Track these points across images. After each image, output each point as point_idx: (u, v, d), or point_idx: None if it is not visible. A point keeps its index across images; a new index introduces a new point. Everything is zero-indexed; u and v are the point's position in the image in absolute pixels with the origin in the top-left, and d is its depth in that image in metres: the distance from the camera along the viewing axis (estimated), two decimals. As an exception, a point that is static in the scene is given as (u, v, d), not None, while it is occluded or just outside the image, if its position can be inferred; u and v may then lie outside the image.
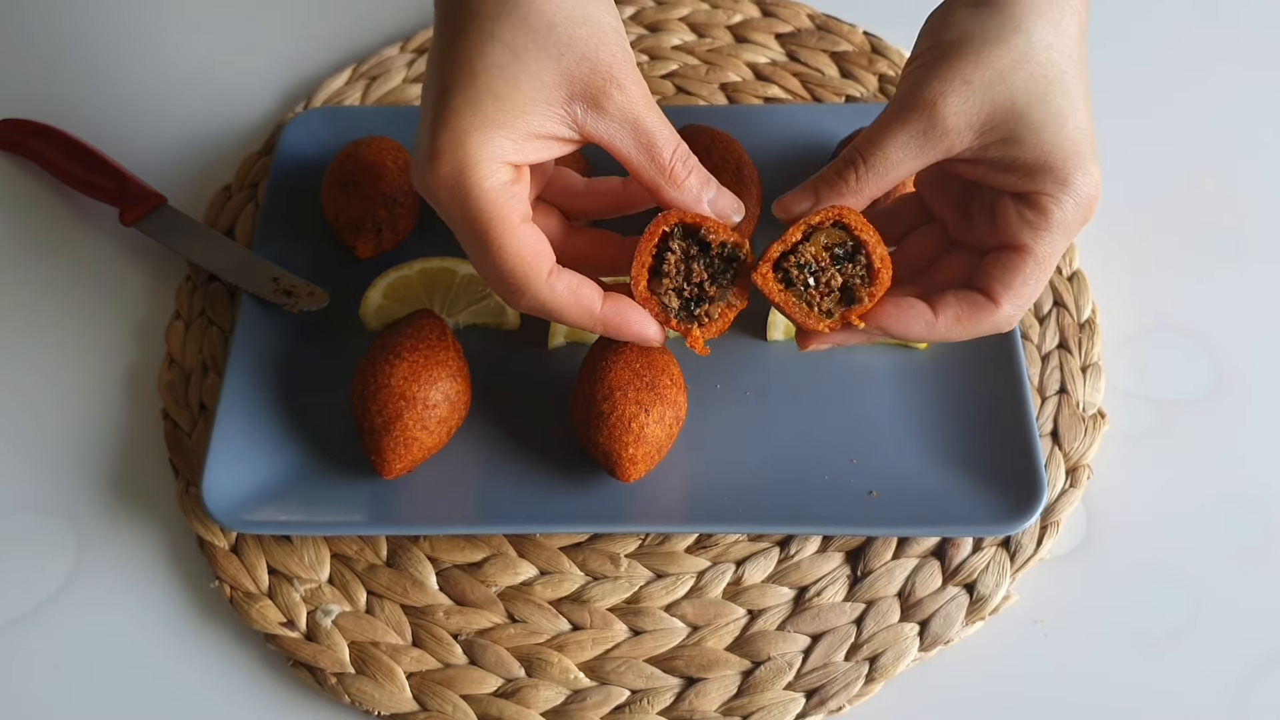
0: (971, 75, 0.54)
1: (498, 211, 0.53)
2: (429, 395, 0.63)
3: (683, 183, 0.56)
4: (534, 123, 0.53)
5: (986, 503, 0.64)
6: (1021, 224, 0.56)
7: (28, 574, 0.66)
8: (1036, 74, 0.54)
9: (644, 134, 0.55)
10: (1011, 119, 0.54)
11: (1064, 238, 0.56)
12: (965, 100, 0.54)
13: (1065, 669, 0.63)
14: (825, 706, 0.62)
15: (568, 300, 0.56)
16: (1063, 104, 0.55)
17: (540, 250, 0.55)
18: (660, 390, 0.63)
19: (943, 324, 0.57)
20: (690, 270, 0.58)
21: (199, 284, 0.75)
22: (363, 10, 0.90)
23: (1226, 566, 0.66)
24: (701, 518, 0.65)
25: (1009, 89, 0.54)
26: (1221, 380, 0.72)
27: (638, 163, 0.56)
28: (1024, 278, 0.57)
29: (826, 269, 0.57)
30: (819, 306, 0.58)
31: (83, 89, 0.86)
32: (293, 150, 0.79)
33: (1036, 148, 0.55)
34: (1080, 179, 0.55)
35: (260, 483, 0.66)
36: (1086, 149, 0.55)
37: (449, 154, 0.53)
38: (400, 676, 0.63)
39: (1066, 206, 0.55)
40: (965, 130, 0.55)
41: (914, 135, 0.55)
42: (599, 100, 0.54)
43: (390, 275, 0.72)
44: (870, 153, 0.56)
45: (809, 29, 0.87)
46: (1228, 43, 0.87)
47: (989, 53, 0.55)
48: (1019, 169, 0.55)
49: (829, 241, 0.57)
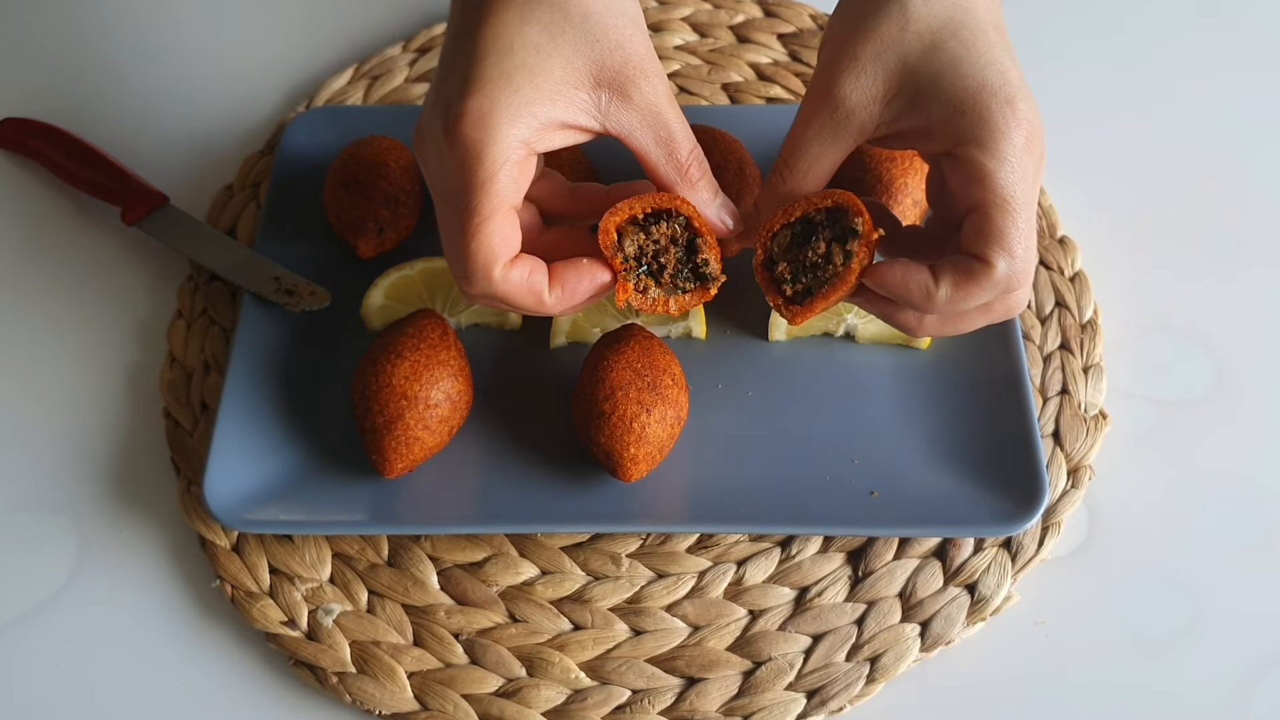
0: (858, 51, 0.56)
1: (497, 191, 0.54)
2: (430, 395, 0.63)
3: (696, 183, 0.57)
4: (558, 109, 0.54)
5: (988, 503, 0.64)
6: (965, 181, 0.55)
7: (29, 573, 0.66)
8: (920, 30, 0.55)
9: (665, 129, 0.56)
10: (907, 81, 0.55)
11: (1011, 174, 0.54)
12: (856, 76, 0.55)
13: (1066, 670, 0.63)
14: (826, 707, 0.62)
15: (520, 288, 0.56)
16: (954, 49, 0.55)
17: (510, 240, 0.55)
18: (661, 390, 0.63)
19: (942, 289, 0.56)
20: (663, 249, 0.58)
21: (201, 283, 0.75)
22: (365, 10, 0.90)
23: (1228, 567, 0.66)
24: (703, 518, 0.65)
25: (897, 53, 0.55)
26: (1223, 381, 0.72)
27: (655, 158, 0.56)
28: (994, 227, 0.55)
29: (815, 245, 0.57)
30: (792, 286, 0.58)
31: (85, 88, 0.86)
32: (295, 150, 0.79)
33: (938, 101, 0.55)
34: (996, 111, 0.54)
35: (262, 482, 0.66)
36: (996, 82, 0.54)
37: (477, 120, 0.53)
38: (401, 676, 0.63)
39: (995, 145, 0.54)
40: (869, 105, 0.56)
41: (823, 125, 0.57)
42: (626, 90, 0.55)
43: (392, 275, 0.72)
44: (790, 153, 0.58)
45: (811, 29, 0.87)
46: (1229, 42, 0.87)
47: (871, 26, 0.56)
48: (935, 129, 0.55)
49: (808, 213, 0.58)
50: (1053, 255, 0.75)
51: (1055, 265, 0.75)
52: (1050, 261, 0.75)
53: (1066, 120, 0.82)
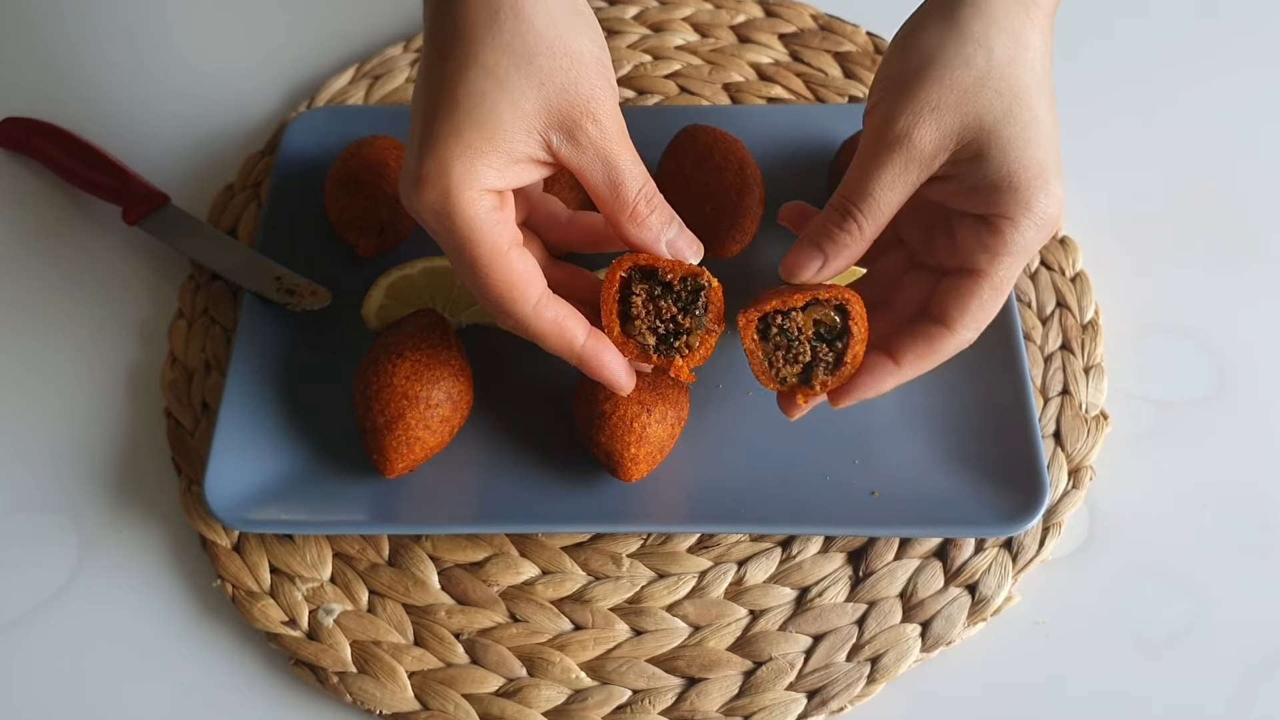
0: (939, 100, 0.55)
1: (485, 238, 0.54)
2: (431, 394, 0.63)
3: (644, 220, 0.57)
4: (514, 149, 0.54)
5: (989, 504, 0.64)
6: (979, 248, 0.56)
7: (30, 573, 0.66)
8: (1002, 90, 0.55)
9: (613, 170, 0.55)
10: (980, 137, 0.55)
11: (1020, 260, 0.57)
12: (937, 126, 0.55)
13: (1067, 670, 0.63)
14: (827, 707, 0.62)
15: (552, 331, 0.57)
16: (1028, 121, 0.55)
17: (530, 276, 0.56)
18: (662, 390, 0.63)
19: (907, 368, 0.59)
20: (659, 308, 0.58)
21: (202, 283, 0.75)
22: (366, 10, 0.90)
23: (1228, 568, 0.66)
24: (703, 518, 0.65)
25: (976, 108, 0.55)
26: (1224, 382, 0.72)
27: (604, 196, 0.56)
28: (980, 303, 0.57)
29: (802, 343, 0.58)
30: (779, 370, 0.59)
31: (86, 88, 0.86)
32: (296, 149, 0.79)
33: (1003, 166, 0.55)
34: (1042, 200, 0.55)
35: (262, 482, 0.66)
36: (1051, 168, 0.55)
37: (433, 181, 0.53)
38: (402, 676, 0.63)
39: (1025, 230, 0.55)
40: (941, 154, 0.56)
41: (897, 172, 0.56)
42: (573, 132, 0.54)
43: (393, 274, 0.72)
44: (862, 200, 0.57)
45: (812, 29, 0.87)
46: (1230, 42, 0.87)
47: (953, 74, 0.55)
48: (984, 188, 0.55)
49: (820, 317, 0.58)
50: (1054, 255, 0.75)
51: (1056, 266, 0.75)
52: (1051, 262, 0.75)
53: (1068, 121, 0.81)
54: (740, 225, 0.71)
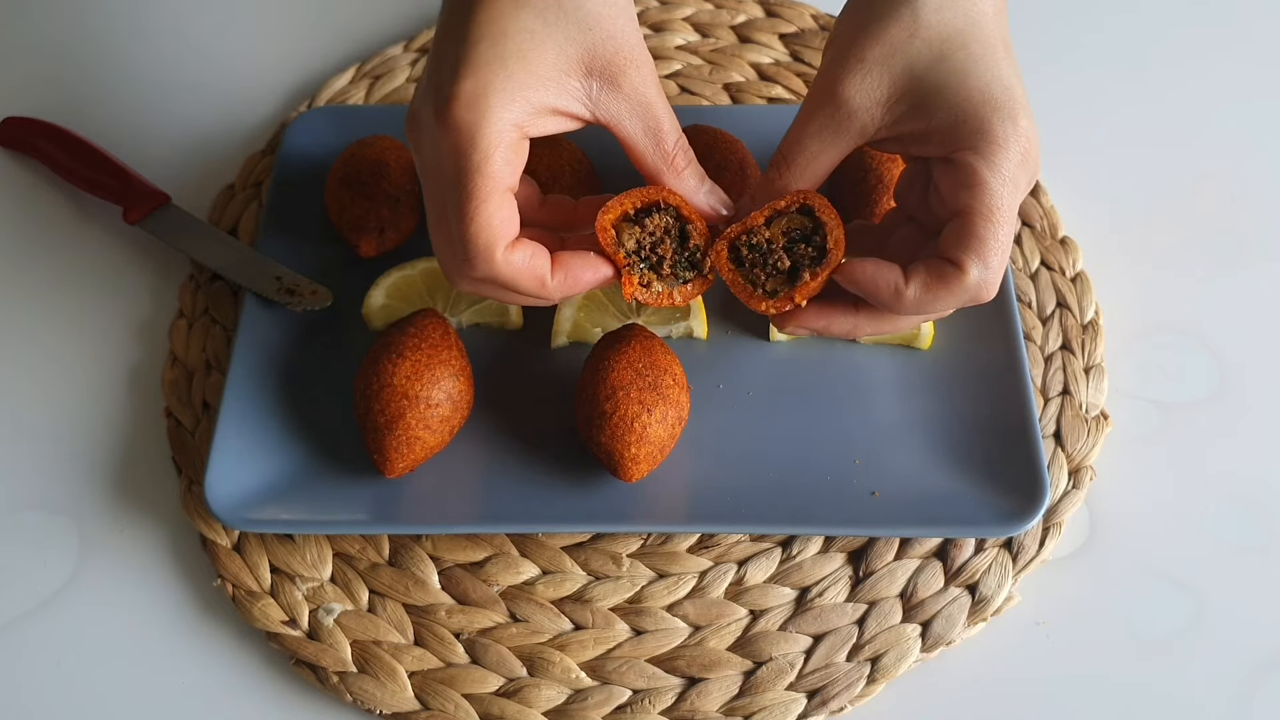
0: (866, 53, 0.56)
1: (493, 172, 0.54)
2: (431, 394, 0.63)
3: (682, 171, 0.58)
4: (550, 94, 0.55)
5: (989, 504, 0.64)
6: (956, 186, 0.56)
7: (30, 572, 0.66)
8: (930, 38, 0.55)
9: (653, 118, 0.57)
10: (912, 87, 0.56)
11: (1003, 186, 0.55)
12: (863, 78, 0.56)
13: (1067, 670, 0.63)
14: (827, 707, 0.62)
15: (522, 270, 0.56)
16: (963, 60, 0.55)
17: (511, 221, 0.55)
18: (663, 390, 0.63)
19: (911, 289, 0.57)
20: (661, 241, 0.59)
21: (202, 283, 0.76)
22: (366, 10, 0.90)
23: (1229, 568, 0.66)
24: (703, 518, 0.65)
25: (905, 58, 0.56)
26: (1224, 382, 0.72)
27: (642, 147, 0.57)
28: (976, 236, 0.56)
29: (776, 250, 0.58)
30: (763, 286, 0.59)
31: (87, 88, 0.86)
32: (296, 149, 0.79)
33: (941, 108, 0.55)
34: (998, 124, 0.55)
35: (263, 481, 0.66)
36: (1000, 96, 0.55)
37: (470, 102, 0.53)
38: (402, 675, 0.63)
39: (992, 156, 0.55)
40: (873, 108, 0.56)
41: (825, 124, 0.57)
42: (616, 78, 0.55)
43: (393, 274, 0.72)
44: (791, 150, 0.59)
45: (812, 29, 0.87)
46: (1230, 41, 0.87)
47: (879, 29, 0.56)
48: (934, 134, 0.56)
49: (790, 226, 0.59)
50: (1054, 256, 0.75)
51: (1057, 266, 0.75)
52: (1052, 262, 0.75)
53: (1068, 120, 0.82)
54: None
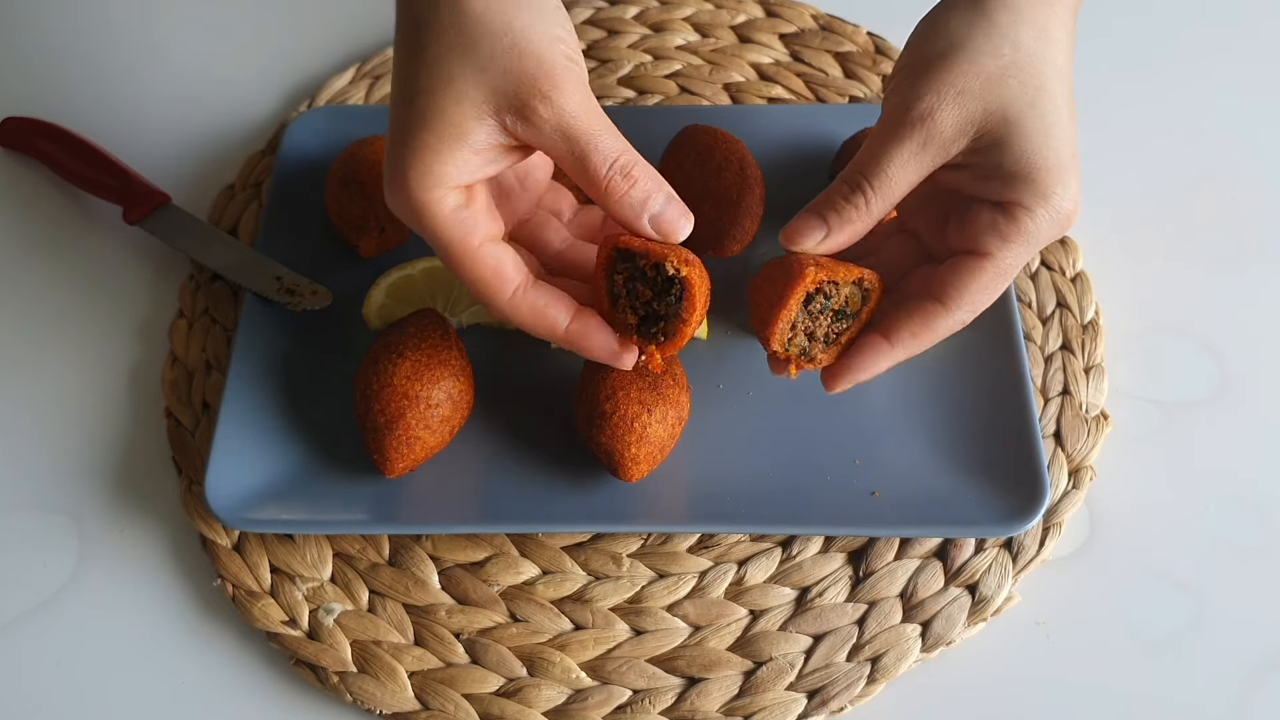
0: (964, 85, 0.55)
1: (453, 236, 0.55)
2: (432, 394, 0.63)
3: (620, 196, 0.55)
4: (469, 140, 0.53)
5: (989, 504, 0.64)
6: (992, 231, 0.56)
7: (30, 572, 0.66)
8: (1027, 82, 0.55)
9: (575, 145, 0.54)
10: (1002, 126, 0.55)
11: (1030, 250, 0.56)
12: (960, 109, 0.55)
13: (1067, 671, 0.63)
14: (827, 707, 0.62)
15: (530, 319, 0.57)
16: (1050, 114, 0.55)
17: (504, 270, 0.56)
18: (663, 390, 0.63)
19: (900, 348, 0.58)
20: (636, 290, 0.57)
21: (202, 283, 0.76)
22: (366, 10, 0.90)
23: (1230, 569, 0.66)
24: (703, 518, 0.65)
25: (1001, 97, 0.54)
26: (1225, 382, 0.72)
27: (574, 173, 0.55)
28: (981, 285, 0.57)
29: (829, 316, 0.58)
30: (794, 337, 0.59)
31: (87, 88, 0.86)
32: (296, 149, 0.79)
33: (1023, 157, 0.55)
34: (1059, 193, 0.55)
35: (263, 481, 0.66)
36: (1069, 163, 0.55)
37: (398, 185, 0.54)
38: (402, 675, 0.63)
39: (1040, 219, 0.55)
40: (960, 138, 0.55)
41: (914, 150, 0.55)
42: (523, 112, 0.53)
43: (393, 274, 0.72)
44: (874, 173, 0.56)
45: (813, 29, 0.87)
46: (1232, 42, 0.87)
47: (979, 62, 0.55)
48: (1002, 176, 0.55)
49: (849, 294, 0.58)
50: (1054, 256, 0.75)
51: (1057, 266, 0.75)
52: (1052, 262, 0.75)
53: (1068, 121, 0.82)
54: (740, 225, 0.71)
